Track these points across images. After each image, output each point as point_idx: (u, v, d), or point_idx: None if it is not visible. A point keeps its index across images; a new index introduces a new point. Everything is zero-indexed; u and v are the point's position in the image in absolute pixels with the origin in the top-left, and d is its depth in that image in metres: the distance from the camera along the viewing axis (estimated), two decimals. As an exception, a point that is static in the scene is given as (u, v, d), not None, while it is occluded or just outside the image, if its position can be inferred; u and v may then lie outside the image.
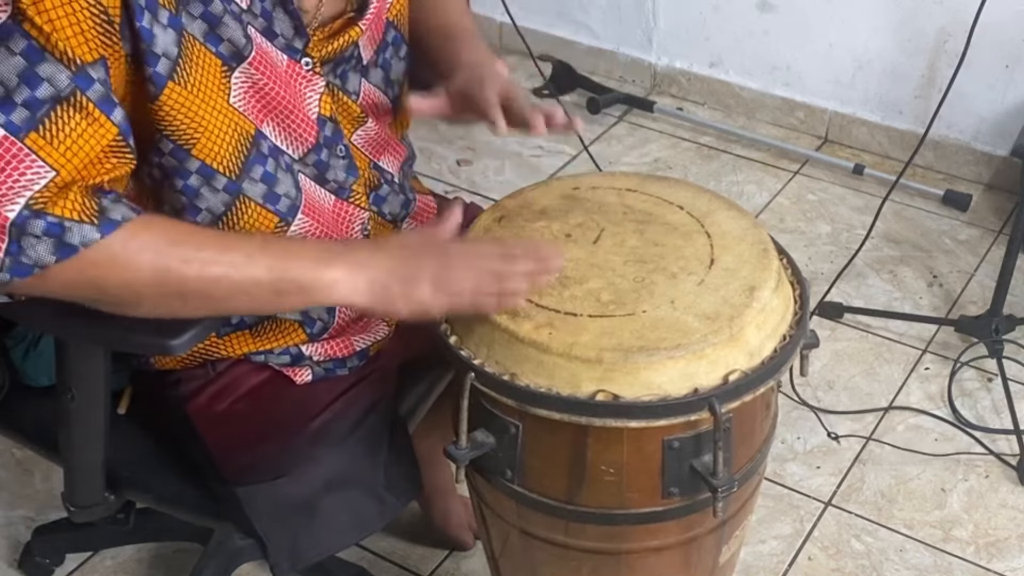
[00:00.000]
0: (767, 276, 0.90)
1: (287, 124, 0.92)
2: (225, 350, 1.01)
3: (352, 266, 0.84)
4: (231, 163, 0.89)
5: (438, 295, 0.85)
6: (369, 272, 0.84)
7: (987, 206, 2.03)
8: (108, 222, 0.80)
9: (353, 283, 0.84)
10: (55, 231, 0.78)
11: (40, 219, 0.78)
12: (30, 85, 0.78)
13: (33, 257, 0.78)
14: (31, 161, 0.78)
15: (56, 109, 0.78)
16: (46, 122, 0.78)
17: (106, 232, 0.79)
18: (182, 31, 0.83)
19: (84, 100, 0.79)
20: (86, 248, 0.79)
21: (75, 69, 0.79)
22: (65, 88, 0.78)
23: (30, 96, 0.78)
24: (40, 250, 0.78)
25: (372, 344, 1.05)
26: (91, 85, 0.79)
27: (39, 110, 0.78)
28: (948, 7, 1.96)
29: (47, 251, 0.78)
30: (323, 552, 1.02)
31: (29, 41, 0.77)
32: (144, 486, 1.06)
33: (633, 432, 0.85)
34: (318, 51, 0.92)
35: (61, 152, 0.79)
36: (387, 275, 0.84)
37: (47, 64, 0.78)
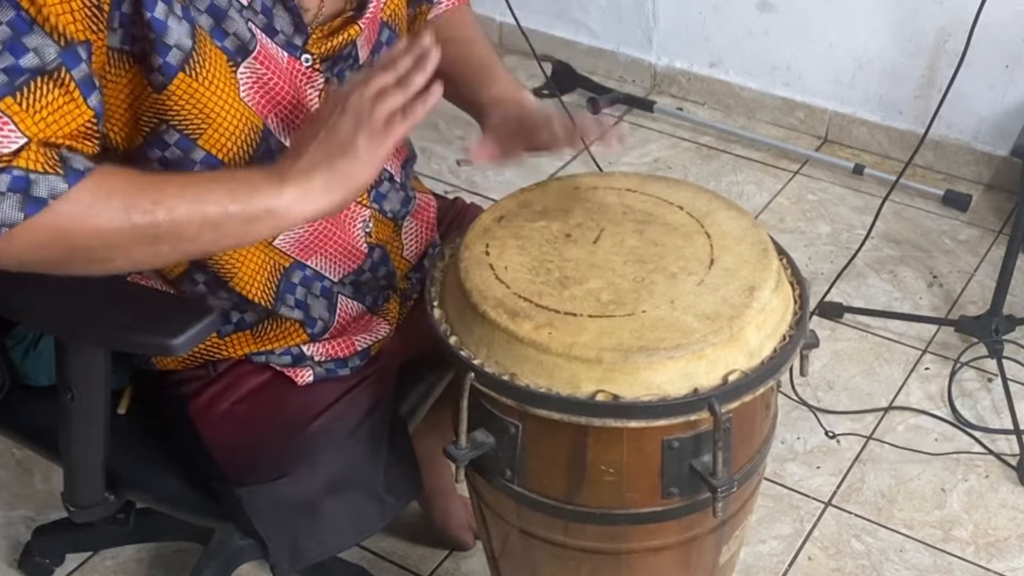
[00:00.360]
0: (767, 276, 0.90)
1: (291, 120, 0.92)
2: (226, 351, 1.01)
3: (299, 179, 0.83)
4: (238, 156, 0.89)
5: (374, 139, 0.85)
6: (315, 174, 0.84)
7: (987, 206, 2.03)
8: (73, 172, 0.78)
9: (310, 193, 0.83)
10: (21, 185, 0.75)
11: (5, 173, 0.75)
12: (14, 53, 0.76)
13: (0, 217, 0.76)
14: (2, 123, 0.76)
15: (36, 79, 0.77)
16: (24, 90, 0.77)
17: (73, 181, 0.77)
18: (195, 24, 0.84)
19: (67, 77, 0.78)
20: (55, 200, 0.76)
21: (64, 45, 0.78)
22: (51, 62, 0.78)
23: (13, 64, 0.76)
24: (6, 207, 0.75)
25: (373, 343, 1.05)
26: (78, 64, 0.79)
27: (19, 77, 0.77)
28: (948, 7, 1.96)
29: (14, 208, 0.75)
30: (324, 552, 1.02)
31: (19, 12, 0.76)
32: (144, 486, 1.06)
33: (633, 432, 0.85)
34: (318, 48, 0.93)
35: (35, 121, 0.77)
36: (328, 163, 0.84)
37: (35, 36, 0.77)
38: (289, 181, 0.83)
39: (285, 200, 0.83)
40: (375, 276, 1.04)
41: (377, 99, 0.85)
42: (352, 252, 1.01)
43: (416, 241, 1.09)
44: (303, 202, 0.83)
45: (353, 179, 0.85)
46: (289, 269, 0.98)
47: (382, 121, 0.85)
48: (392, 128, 0.85)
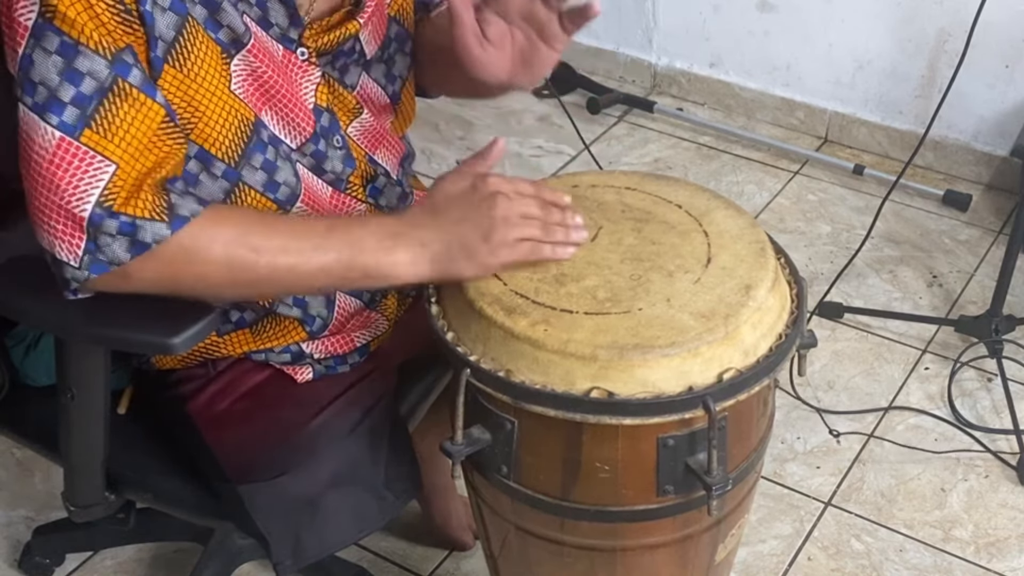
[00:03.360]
0: (763, 275, 0.90)
1: (285, 113, 0.93)
2: (225, 349, 1.01)
3: (414, 246, 0.88)
4: (230, 150, 0.90)
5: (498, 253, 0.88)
6: (430, 249, 0.88)
7: (987, 206, 2.03)
8: (177, 218, 0.83)
9: (416, 263, 0.88)
10: (128, 230, 0.82)
11: (114, 219, 0.81)
12: (73, 82, 0.79)
13: (109, 255, 0.82)
14: (91, 158, 0.81)
15: (104, 102, 0.80)
16: (97, 117, 0.80)
17: (176, 228, 0.83)
18: (186, 16, 0.84)
19: (127, 87, 0.81)
20: (158, 245, 0.82)
21: (110, 57, 0.80)
22: (107, 78, 0.80)
23: (76, 93, 0.80)
24: (116, 248, 0.82)
25: (372, 339, 1.05)
26: (129, 71, 0.81)
27: (88, 106, 0.80)
28: (948, 7, 1.96)
29: (122, 249, 0.82)
30: (325, 550, 1.02)
31: (62, 37, 0.79)
32: (144, 486, 1.06)
33: (628, 429, 0.85)
34: (313, 42, 0.93)
35: (116, 143, 0.81)
36: (445, 248, 0.88)
37: (84, 58, 0.80)
38: (403, 247, 0.87)
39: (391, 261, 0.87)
40: (372, 273, 1.04)
41: (525, 219, 0.88)
42: None
43: None
44: (406, 270, 0.88)
45: (455, 272, 0.89)
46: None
47: (515, 241, 0.87)
48: (518, 251, 0.88)
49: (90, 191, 0.81)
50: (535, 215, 0.89)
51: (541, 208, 0.90)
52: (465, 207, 0.89)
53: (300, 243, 0.87)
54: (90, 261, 0.82)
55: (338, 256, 0.87)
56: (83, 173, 0.80)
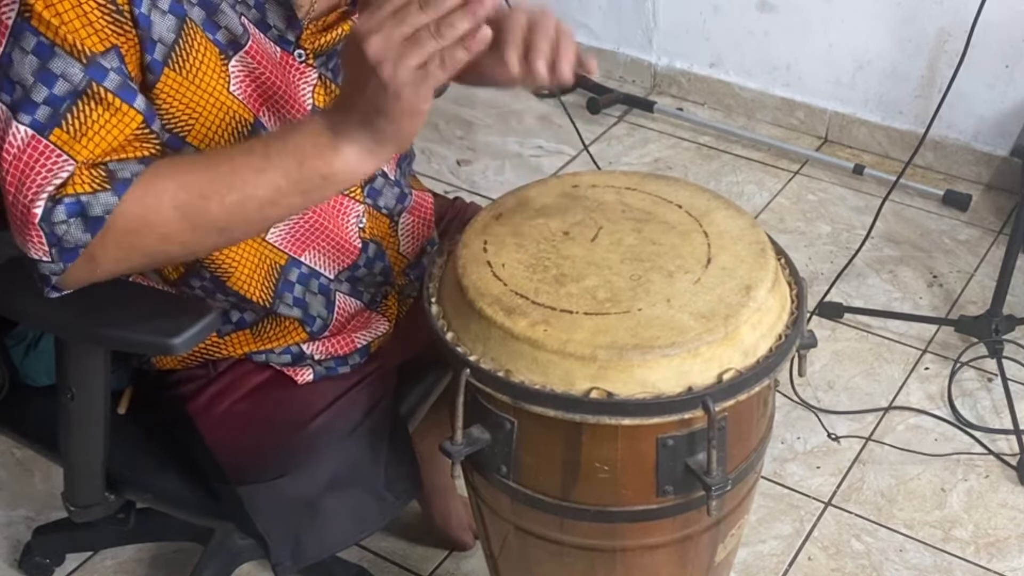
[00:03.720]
0: (763, 275, 0.90)
1: (283, 114, 0.92)
2: (226, 350, 1.01)
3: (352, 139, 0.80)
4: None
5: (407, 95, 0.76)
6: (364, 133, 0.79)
7: (987, 206, 2.03)
8: (120, 182, 0.80)
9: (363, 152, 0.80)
10: (77, 209, 0.79)
11: (60, 205, 0.79)
12: (46, 83, 0.79)
13: (72, 240, 0.80)
14: (56, 156, 0.79)
15: (77, 103, 0.80)
16: (68, 117, 0.79)
17: (121, 192, 0.80)
18: (184, 17, 0.84)
19: (102, 91, 0.80)
20: (110, 216, 0.80)
21: (86, 61, 0.79)
22: (80, 81, 0.79)
23: (49, 94, 0.79)
24: (73, 231, 0.80)
25: (373, 340, 1.05)
26: (106, 75, 0.80)
27: (60, 106, 0.79)
28: (948, 7, 1.96)
29: (79, 230, 0.80)
30: (325, 551, 1.02)
31: (38, 38, 0.78)
32: (144, 486, 1.06)
33: (627, 430, 0.85)
34: (311, 43, 0.93)
35: (84, 144, 0.80)
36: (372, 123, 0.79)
37: (58, 59, 0.79)
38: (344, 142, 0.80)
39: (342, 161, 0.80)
40: (371, 272, 1.04)
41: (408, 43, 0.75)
42: (346, 247, 1.01)
43: (412, 238, 1.09)
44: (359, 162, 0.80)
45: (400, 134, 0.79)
46: (285, 267, 0.98)
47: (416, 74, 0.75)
48: (429, 77, 0.76)
49: (47, 188, 0.79)
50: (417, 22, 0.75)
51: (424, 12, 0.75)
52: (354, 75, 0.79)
53: (243, 175, 0.81)
54: (59, 253, 0.80)
55: (285, 174, 0.80)
56: (46, 170, 0.79)
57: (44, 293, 0.84)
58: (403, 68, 0.75)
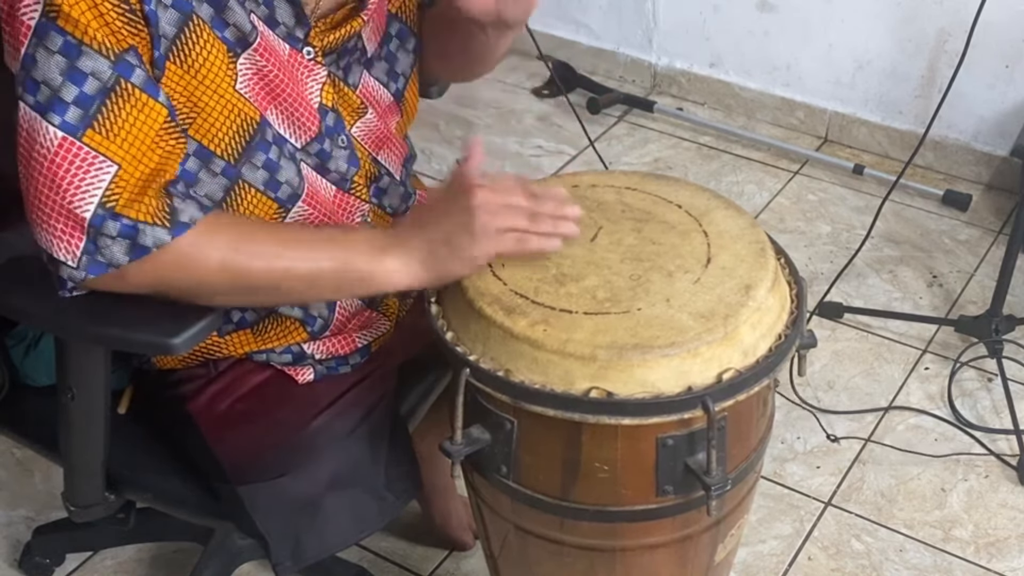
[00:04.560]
0: (763, 275, 0.90)
1: (290, 112, 0.93)
2: (226, 349, 1.01)
3: (402, 252, 0.89)
4: (230, 147, 0.90)
5: (481, 241, 0.88)
6: (417, 253, 0.89)
7: (987, 206, 2.03)
8: (179, 225, 0.84)
9: (407, 267, 0.89)
10: (129, 232, 0.82)
11: (116, 221, 0.82)
12: (75, 82, 0.80)
13: (108, 256, 0.83)
14: (93, 158, 0.81)
15: (107, 102, 0.81)
16: (99, 117, 0.81)
17: (177, 234, 0.83)
18: (191, 13, 0.85)
19: (130, 87, 0.81)
20: (158, 249, 0.83)
21: (114, 58, 0.80)
22: (109, 78, 0.80)
23: (79, 93, 0.80)
24: (115, 250, 0.82)
25: (373, 340, 1.05)
26: (132, 71, 0.82)
27: (91, 106, 0.80)
28: (948, 7, 1.96)
29: (121, 251, 0.82)
30: (325, 550, 1.02)
31: (65, 37, 0.79)
32: (144, 486, 1.06)
33: (627, 429, 0.85)
34: (319, 41, 0.93)
35: (119, 144, 0.82)
36: (431, 248, 0.88)
37: (87, 58, 0.80)
38: (392, 253, 0.88)
39: (383, 268, 0.88)
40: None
41: (507, 210, 0.88)
42: None
43: None
44: (399, 276, 0.89)
45: (448, 271, 0.89)
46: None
47: (497, 229, 0.88)
48: (503, 241, 0.88)
49: (92, 191, 0.81)
50: (518, 205, 0.89)
51: (528, 198, 0.90)
52: (446, 207, 0.89)
53: (294, 250, 0.88)
54: (88, 262, 0.83)
55: (331, 261, 0.88)
56: (85, 173, 0.81)
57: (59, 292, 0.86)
58: (494, 222, 0.87)
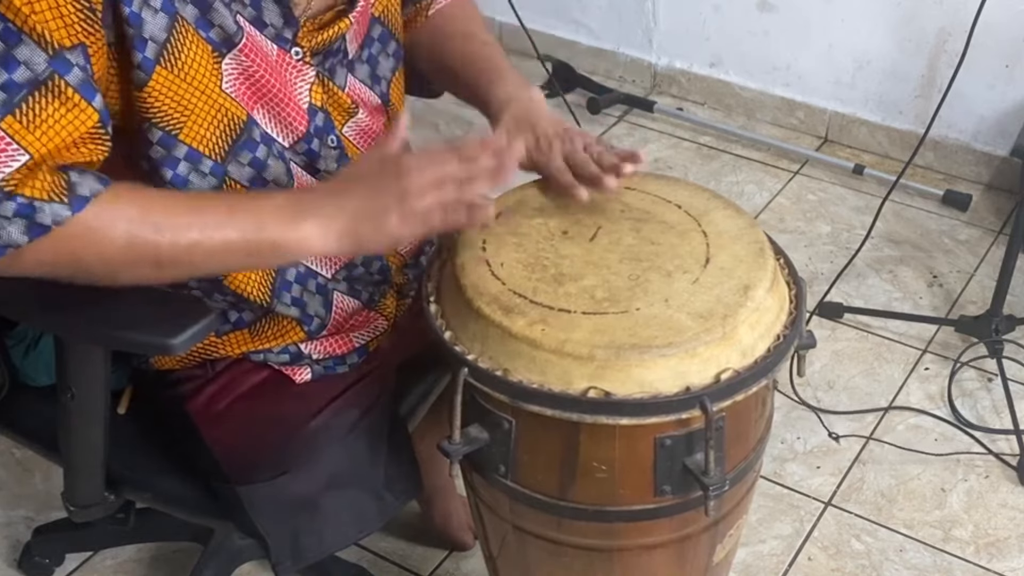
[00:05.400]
0: (762, 275, 0.90)
1: (278, 112, 0.92)
2: (224, 349, 1.01)
3: (320, 220, 0.84)
4: (216, 146, 0.89)
5: (406, 223, 0.85)
6: (337, 222, 0.84)
7: (987, 206, 2.03)
8: (78, 198, 0.80)
9: (324, 237, 0.84)
10: (26, 211, 0.78)
11: (11, 201, 0.78)
12: (7, 68, 0.78)
13: (5, 238, 0.78)
14: (5, 144, 0.78)
15: (34, 94, 0.79)
16: (23, 106, 0.78)
17: (77, 209, 0.79)
18: (175, 15, 0.84)
19: (63, 85, 0.79)
20: (58, 226, 0.79)
21: (52, 53, 0.79)
22: (43, 72, 0.79)
23: (7, 79, 0.78)
24: (12, 231, 0.78)
25: (371, 339, 1.05)
26: (70, 70, 0.80)
27: (16, 94, 0.78)
28: (948, 7, 1.96)
29: (19, 231, 0.78)
30: (325, 550, 1.02)
31: (5, 23, 0.77)
32: (144, 486, 1.06)
33: (625, 429, 0.85)
34: (308, 42, 0.93)
35: (36, 136, 0.79)
36: (353, 219, 0.84)
37: (24, 47, 0.78)
38: (309, 220, 0.84)
39: (298, 235, 0.84)
40: (368, 271, 1.04)
41: (433, 186, 0.84)
42: None
43: None
44: (314, 243, 0.84)
45: (365, 245, 0.86)
46: (283, 267, 0.98)
47: (424, 210, 0.85)
48: (428, 220, 0.85)
49: None
50: (451, 175, 0.84)
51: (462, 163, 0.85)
52: (373, 180, 0.85)
53: (203, 219, 0.83)
54: None
55: (242, 232, 0.83)
56: None
57: None
58: (420, 203, 0.84)
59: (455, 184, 0.85)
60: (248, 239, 0.83)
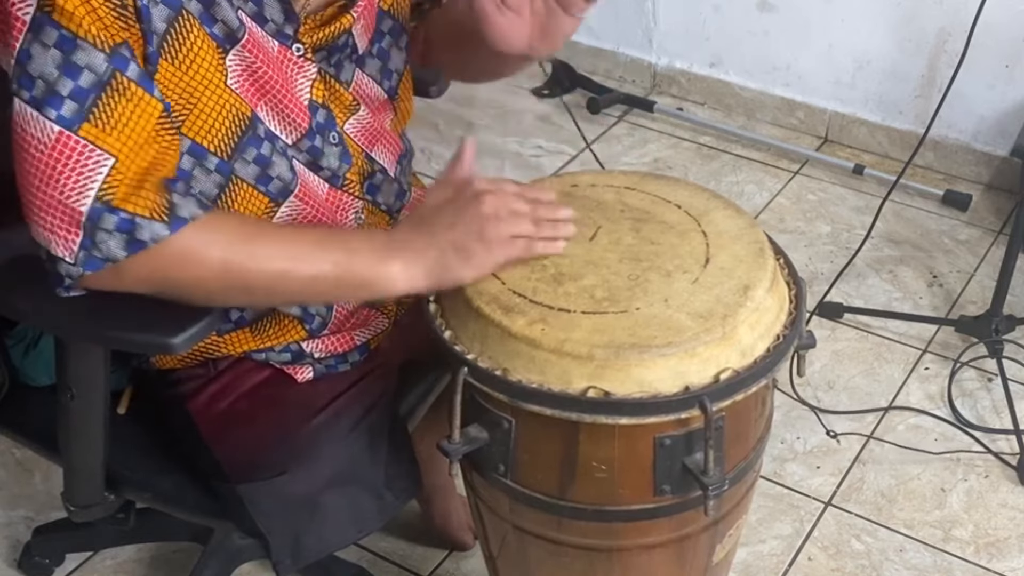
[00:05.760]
0: (762, 276, 0.90)
1: (280, 109, 0.93)
2: (225, 348, 1.01)
3: (408, 257, 0.88)
4: (223, 143, 0.90)
5: (491, 251, 0.88)
6: (424, 259, 0.88)
7: (987, 206, 2.03)
8: (177, 219, 0.83)
9: (410, 273, 0.88)
10: (126, 227, 0.81)
11: (113, 215, 0.81)
12: (71, 76, 0.79)
13: (104, 252, 0.82)
14: (90, 151, 0.80)
15: (102, 96, 0.80)
16: (95, 111, 0.80)
17: (175, 229, 0.83)
18: (181, 9, 0.85)
19: (125, 81, 0.81)
20: (156, 244, 0.82)
21: (109, 51, 0.80)
22: (105, 72, 0.80)
23: (74, 87, 0.80)
24: (111, 245, 0.81)
25: (372, 338, 1.05)
26: (127, 65, 0.81)
27: (86, 100, 0.80)
28: (948, 7, 1.96)
29: (118, 246, 0.82)
30: (325, 549, 1.02)
31: (60, 31, 0.79)
32: (144, 486, 1.06)
33: (624, 429, 0.85)
34: (309, 37, 0.93)
35: (115, 137, 0.81)
36: (440, 254, 0.88)
37: (82, 51, 0.80)
38: (397, 258, 0.87)
39: (387, 272, 0.87)
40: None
41: (514, 215, 0.88)
42: None
43: None
44: (401, 281, 0.88)
45: (453, 277, 0.88)
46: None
47: (508, 237, 0.87)
48: (514, 248, 0.88)
49: (89, 185, 0.80)
50: (523, 211, 0.89)
51: (528, 204, 0.90)
52: (454, 212, 0.89)
53: (295, 250, 0.87)
54: (85, 257, 0.82)
55: (333, 264, 0.87)
56: (82, 167, 0.80)
57: (55, 291, 0.85)
58: (507, 229, 0.87)
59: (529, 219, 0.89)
60: (338, 273, 0.87)
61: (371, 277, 0.87)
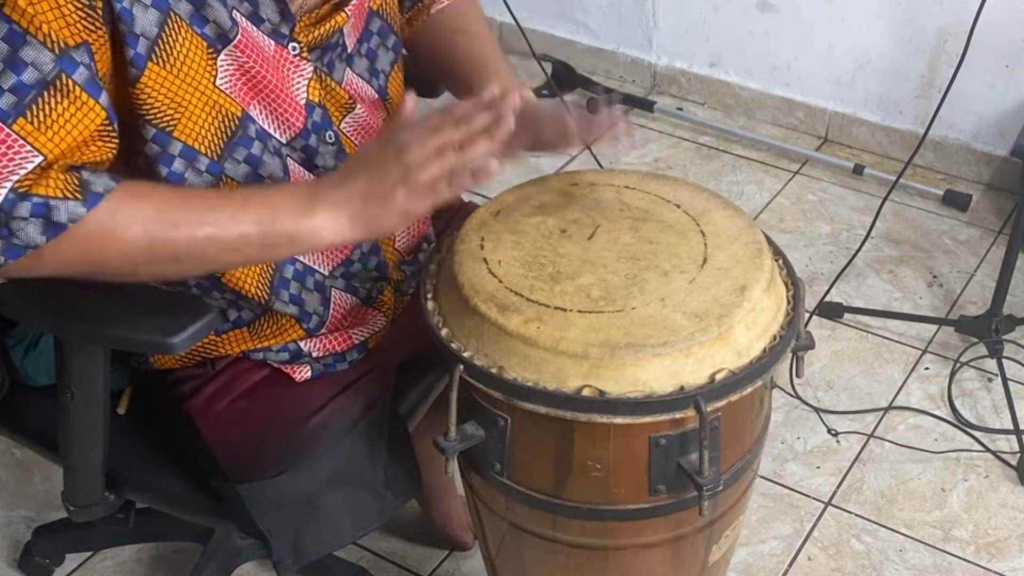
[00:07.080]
0: (759, 276, 0.90)
1: (275, 108, 0.93)
2: (224, 348, 1.01)
3: (331, 208, 0.85)
4: (212, 143, 0.90)
5: (414, 196, 0.85)
6: (347, 208, 0.85)
7: (987, 206, 2.03)
8: (92, 195, 0.80)
9: (337, 224, 0.85)
10: (40, 211, 0.79)
11: (26, 201, 0.79)
12: (15, 70, 0.78)
13: (24, 239, 0.80)
14: (19, 147, 0.79)
15: (43, 94, 0.79)
16: (33, 108, 0.79)
17: (91, 205, 0.80)
18: (168, 11, 0.84)
19: (71, 84, 0.80)
20: (74, 224, 0.80)
21: (59, 52, 0.79)
22: (50, 72, 0.79)
23: (16, 81, 0.78)
24: (30, 231, 0.79)
25: (370, 336, 1.05)
26: (76, 68, 0.80)
27: (26, 95, 0.79)
28: (948, 7, 1.96)
29: (36, 231, 0.79)
30: (325, 548, 1.02)
31: (10, 25, 0.78)
32: (144, 486, 1.06)
33: (619, 428, 0.85)
34: (305, 37, 0.93)
35: (49, 137, 0.80)
36: (363, 202, 0.85)
37: (30, 48, 0.79)
38: (320, 209, 0.85)
39: (311, 225, 0.85)
40: (366, 267, 1.04)
41: (434, 156, 0.85)
42: None
43: (407, 232, 1.09)
44: (328, 231, 0.85)
45: (379, 226, 0.87)
46: (280, 264, 0.98)
47: (429, 182, 0.85)
48: (436, 191, 0.85)
49: (9, 178, 0.78)
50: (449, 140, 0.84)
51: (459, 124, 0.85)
52: (377, 162, 0.86)
53: (217, 214, 0.84)
54: (4, 247, 0.80)
55: (257, 223, 0.84)
56: (8, 160, 0.79)
57: None
58: (425, 175, 0.84)
59: (456, 149, 0.84)
60: (263, 231, 0.84)
61: (296, 231, 0.84)
